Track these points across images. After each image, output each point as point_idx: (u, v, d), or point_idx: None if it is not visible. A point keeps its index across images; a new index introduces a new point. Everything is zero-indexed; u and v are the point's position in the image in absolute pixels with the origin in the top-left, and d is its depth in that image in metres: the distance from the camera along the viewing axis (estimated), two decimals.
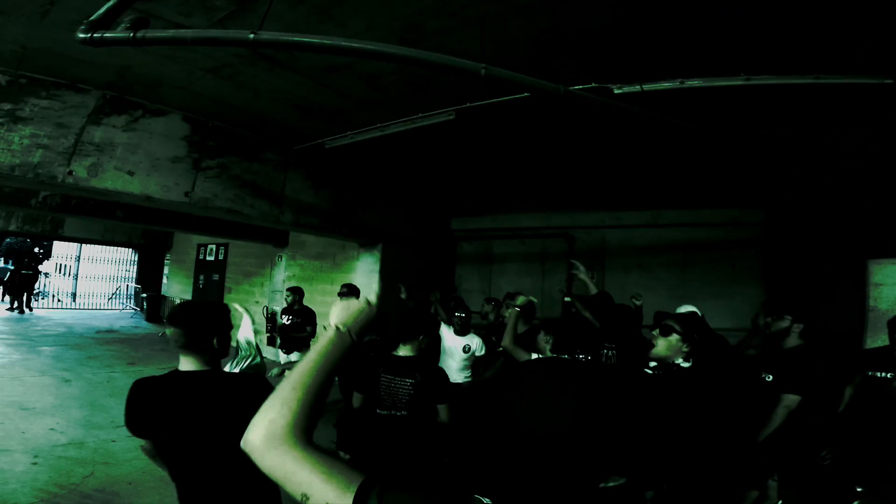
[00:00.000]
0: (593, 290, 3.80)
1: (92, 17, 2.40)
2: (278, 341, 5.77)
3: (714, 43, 2.77)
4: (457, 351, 4.19)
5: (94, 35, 2.36)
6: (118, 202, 6.05)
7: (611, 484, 0.80)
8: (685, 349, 2.32)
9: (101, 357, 8.13)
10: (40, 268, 15.38)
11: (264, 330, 6.80)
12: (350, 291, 4.68)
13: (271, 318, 8.84)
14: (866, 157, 4.26)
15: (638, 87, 3.09)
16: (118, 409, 5.53)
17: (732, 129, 3.94)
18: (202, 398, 1.62)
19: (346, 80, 3.63)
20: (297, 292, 5.63)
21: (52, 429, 4.62)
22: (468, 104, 3.72)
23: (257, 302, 9.30)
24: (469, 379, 4.25)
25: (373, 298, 1.06)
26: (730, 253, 6.29)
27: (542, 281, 7.69)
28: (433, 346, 4.02)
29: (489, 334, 4.46)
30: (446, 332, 4.29)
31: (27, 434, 4.44)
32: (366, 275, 6.97)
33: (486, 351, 4.26)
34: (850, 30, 2.52)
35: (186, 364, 1.68)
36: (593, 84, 3.11)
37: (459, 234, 8.47)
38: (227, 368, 2.13)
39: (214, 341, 1.70)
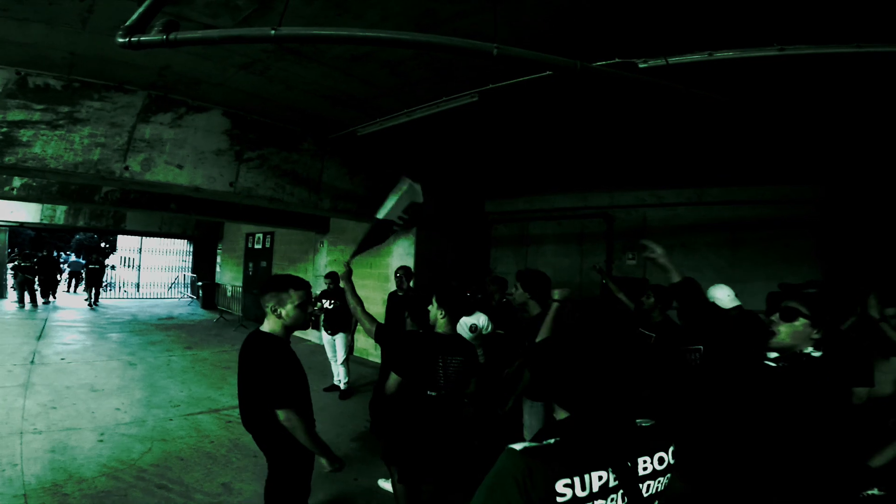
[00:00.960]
0: (676, 277, 2.81)
1: (127, 23, 2.57)
2: (321, 324, 6.05)
3: (744, 11, 2.64)
4: (464, 330, 4.22)
5: (132, 39, 2.54)
6: (171, 194, 6.45)
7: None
8: (815, 336, 1.91)
9: (162, 342, 8.75)
10: (107, 261, 16.55)
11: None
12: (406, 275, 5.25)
13: (314, 301, 9.19)
14: None
15: (663, 61, 2.99)
16: (175, 389, 6.00)
17: (779, 103, 3.72)
18: None
19: (369, 69, 3.72)
20: (332, 277, 5.91)
21: (117, 409, 5.03)
22: (490, 85, 3.73)
23: None
24: (482, 358, 4.27)
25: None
26: (783, 231, 5.98)
27: (581, 262, 7.58)
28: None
29: (495, 315, 4.48)
30: None
31: (96, 414, 4.86)
32: (401, 258, 7.15)
33: (492, 329, 4.31)
34: None
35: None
36: (616, 59, 3.04)
37: (493, 216, 8.46)
38: None
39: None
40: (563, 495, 1.01)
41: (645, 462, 1.13)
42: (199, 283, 14.18)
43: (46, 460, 3.73)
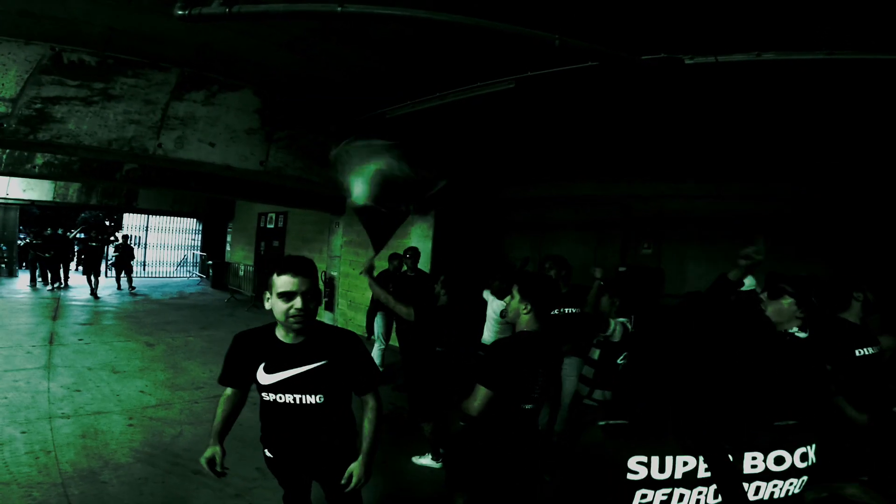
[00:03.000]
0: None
1: None
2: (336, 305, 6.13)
3: (795, 13, 2.62)
4: (495, 313, 4.17)
5: (192, 11, 2.52)
6: (194, 172, 6.43)
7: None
8: (800, 314, 2.05)
9: (177, 322, 8.78)
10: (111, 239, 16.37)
11: (322, 294, 7.15)
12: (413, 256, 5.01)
13: (329, 282, 9.23)
14: None
15: (713, 59, 2.96)
16: (197, 370, 6.00)
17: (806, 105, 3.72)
18: None
19: (410, 51, 3.68)
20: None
21: (141, 391, 5.03)
22: (528, 73, 3.69)
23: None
24: None
25: None
26: (797, 227, 6.00)
27: (597, 250, 7.61)
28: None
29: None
30: (489, 298, 4.35)
31: (121, 396, 4.86)
32: (420, 240, 7.19)
33: None
34: None
35: None
36: (662, 54, 3.01)
37: (511, 202, 8.45)
38: None
39: None
40: (636, 472, 0.97)
41: (755, 459, 1.00)
42: (210, 263, 14.19)
43: (79, 446, 3.72)
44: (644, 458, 0.97)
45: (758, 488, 0.98)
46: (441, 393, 3.59)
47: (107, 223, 25.31)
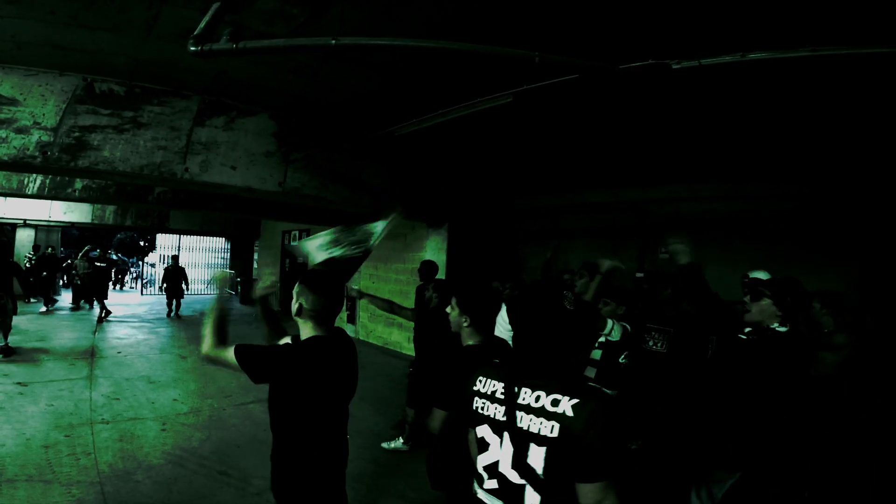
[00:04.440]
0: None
1: (196, 32, 2.80)
2: (357, 318, 6.29)
3: (777, 12, 2.71)
4: (503, 325, 4.34)
5: (203, 48, 2.78)
6: (219, 194, 6.79)
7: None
8: (778, 313, 2.33)
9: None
10: (147, 259, 16.84)
11: (345, 308, 7.36)
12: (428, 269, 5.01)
13: (350, 297, 9.42)
14: None
15: (696, 62, 3.06)
16: (225, 381, 6.27)
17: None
18: None
19: (410, 72, 3.90)
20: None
21: (174, 399, 5.36)
22: (524, 87, 3.86)
23: None
24: None
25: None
26: (817, 226, 5.90)
27: (613, 256, 7.60)
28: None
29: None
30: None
31: (156, 404, 5.20)
32: (434, 253, 7.35)
33: None
34: None
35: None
36: (650, 60, 3.12)
37: (524, 212, 8.54)
38: None
39: None
40: (475, 385, 1.46)
41: (525, 393, 1.32)
42: (238, 279, 14.68)
43: (117, 449, 4.02)
44: (482, 378, 1.45)
45: (520, 417, 1.30)
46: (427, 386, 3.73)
47: (141, 243, 26.37)
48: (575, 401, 1.24)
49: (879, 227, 5.30)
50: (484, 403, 1.41)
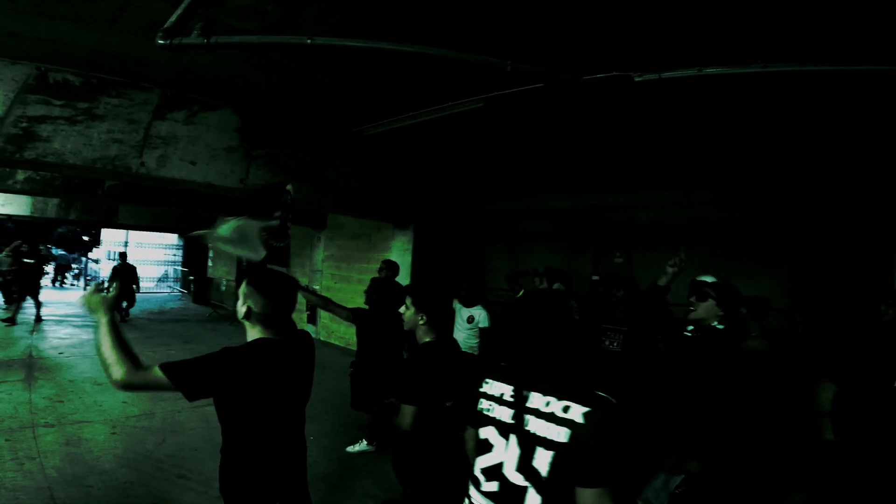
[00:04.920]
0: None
1: (166, 25, 2.72)
2: (318, 318, 6.24)
3: (733, 31, 2.93)
4: (462, 321, 4.59)
5: (173, 41, 2.70)
6: (175, 189, 6.56)
7: None
8: (720, 313, 2.61)
9: (158, 336, 8.82)
10: (91, 255, 15.90)
11: (304, 308, 7.28)
12: (389, 268, 5.07)
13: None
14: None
15: (656, 76, 3.27)
16: None
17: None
18: None
19: (384, 74, 3.92)
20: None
21: (124, 402, 5.10)
22: (495, 92, 3.96)
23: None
24: (475, 350, 4.60)
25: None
26: (762, 233, 6.31)
27: (571, 260, 7.88)
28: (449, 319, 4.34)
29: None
30: (457, 306, 4.68)
31: (104, 406, 4.96)
32: (400, 253, 7.37)
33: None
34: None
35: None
36: (614, 73, 3.30)
37: (489, 215, 8.70)
38: None
39: None
40: (482, 387, 1.52)
41: (534, 398, 1.37)
42: (191, 278, 14.18)
43: (64, 453, 3.83)
44: (489, 380, 1.51)
45: (529, 421, 1.35)
46: (375, 386, 3.70)
47: (84, 238, 24.94)
48: (586, 409, 1.28)
49: (811, 234, 5.76)
50: (491, 405, 1.45)
